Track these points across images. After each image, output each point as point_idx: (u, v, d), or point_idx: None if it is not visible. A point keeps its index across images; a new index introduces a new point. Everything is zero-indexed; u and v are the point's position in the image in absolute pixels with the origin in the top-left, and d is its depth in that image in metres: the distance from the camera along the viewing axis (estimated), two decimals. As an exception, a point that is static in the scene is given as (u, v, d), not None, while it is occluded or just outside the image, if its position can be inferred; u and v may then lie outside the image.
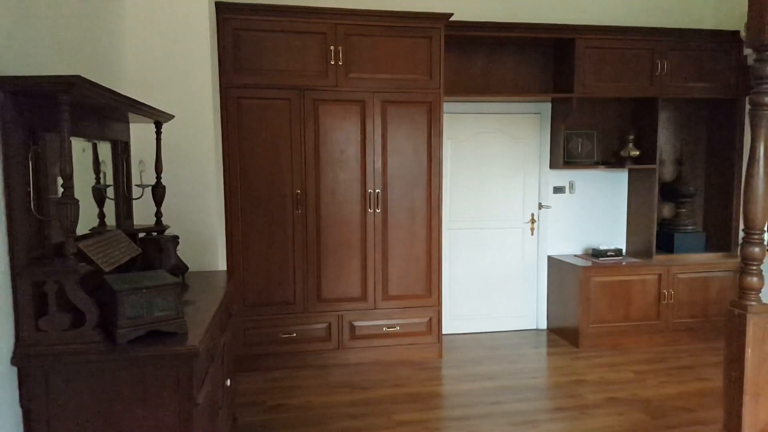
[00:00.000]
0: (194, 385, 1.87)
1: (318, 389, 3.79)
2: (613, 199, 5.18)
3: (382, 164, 4.13)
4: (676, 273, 4.71)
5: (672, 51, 4.60)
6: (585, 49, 4.47)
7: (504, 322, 5.11)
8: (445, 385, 3.91)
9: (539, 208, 5.08)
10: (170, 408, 1.86)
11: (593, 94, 4.56)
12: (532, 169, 5.05)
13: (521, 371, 4.14)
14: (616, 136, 5.02)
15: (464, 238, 4.98)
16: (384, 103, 4.09)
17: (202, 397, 1.96)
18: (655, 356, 4.46)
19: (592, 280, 4.60)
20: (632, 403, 3.57)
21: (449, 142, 4.83)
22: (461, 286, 5.00)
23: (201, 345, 1.90)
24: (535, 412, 3.46)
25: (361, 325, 4.23)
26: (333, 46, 3.94)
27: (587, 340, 4.62)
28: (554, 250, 5.14)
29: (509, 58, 4.79)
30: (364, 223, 4.15)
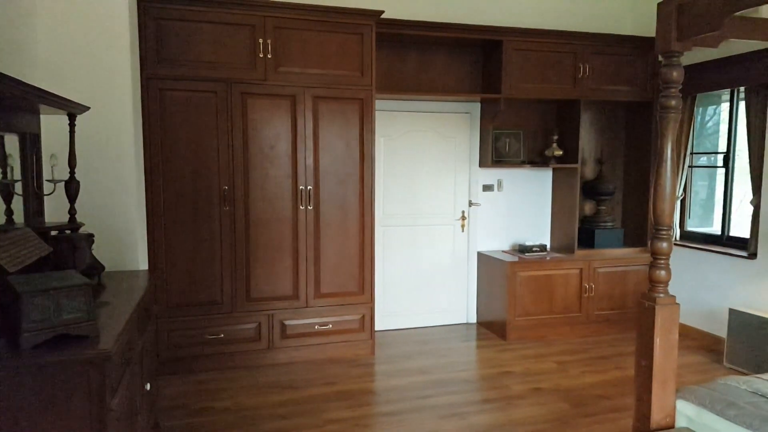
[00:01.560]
0: (107, 391, 1.78)
1: (246, 390, 3.71)
2: (539, 196, 5.37)
3: (314, 160, 4.09)
4: (597, 267, 4.94)
5: (593, 55, 4.81)
6: (512, 51, 4.60)
7: (436, 317, 5.19)
8: (377, 382, 3.92)
9: (469, 206, 5.19)
10: (81, 416, 1.75)
11: (519, 95, 4.69)
12: (463, 167, 5.15)
13: (451, 365, 4.22)
14: (541, 136, 5.20)
15: (397, 235, 5.01)
16: (315, 99, 4.04)
17: (116, 402, 1.86)
18: (577, 347, 4.66)
19: (519, 274, 4.75)
20: (555, 393, 3.71)
21: (382, 140, 4.84)
22: (394, 282, 5.03)
23: (114, 348, 1.81)
24: (464, 405, 3.53)
25: (293, 324, 4.17)
26: (262, 39, 3.85)
27: (514, 332, 4.77)
28: (484, 246, 5.26)
29: (441, 57, 4.85)
30: (296, 220, 4.09)
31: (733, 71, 4.35)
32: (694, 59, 4.67)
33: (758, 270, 4.23)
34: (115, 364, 1.87)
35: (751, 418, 2.12)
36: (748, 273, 4.31)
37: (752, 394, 2.36)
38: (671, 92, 2.23)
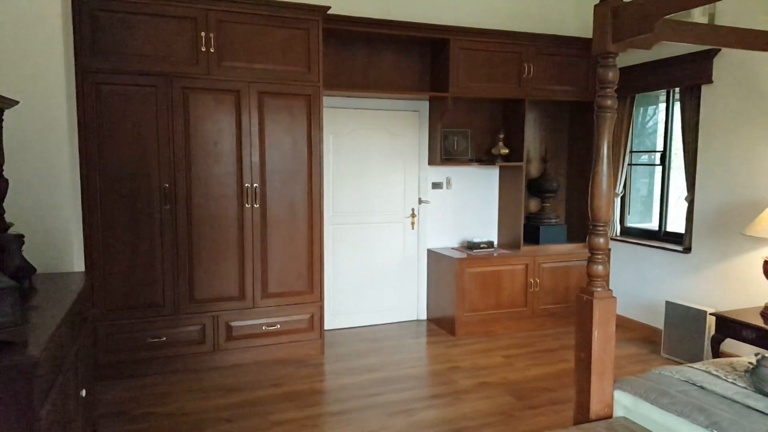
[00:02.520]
0: (35, 399, 1.68)
1: (191, 394, 3.61)
2: (487, 194, 5.46)
3: (260, 157, 4.01)
4: (541, 263, 5.06)
5: (537, 55, 4.92)
6: (458, 51, 4.65)
7: (386, 315, 5.20)
8: (326, 381, 3.89)
9: (419, 203, 5.22)
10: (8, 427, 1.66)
11: (467, 94, 4.75)
12: (412, 165, 5.17)
13: (400, 362, 4.23)
14: (488, 135, 5.29)
15: (347, 233, 4.99)
16: (261, 94, 3.96)
17: (46, 411, 1.77)
18: (523, 341, 4.76)
19: (467, 271, 4.81)
20: (501, 387, 3.78)
21: (330, 137, 4.81)
22: (344, 280, 5.01)
23: (42, 354, 1.71)
24: (412, 401, 3.55)
25: (239, 325, 4.08)
26: (204, 33, 3.75)
27: (462, 328, 4.83)
28: (433, 243, 5.31)
29: (389, 55, 4.86)
30: (242, 219, 4.01)
31: (669, 73, 4.54)
32: (633, 61, 4.85)
33: (692, 264, 4.43)
34: (44, 370, 1.77)
35: (682, 406, 2.21)
36: (684, 267, 4.51)
37: (684, 382, 2.47)
38: (607, 92, 2.30)
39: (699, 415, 2.14)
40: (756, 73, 3.89)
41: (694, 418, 2.14)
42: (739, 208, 4.01)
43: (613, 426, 2.30)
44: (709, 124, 4.25)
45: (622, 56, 4.91)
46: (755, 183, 3.92)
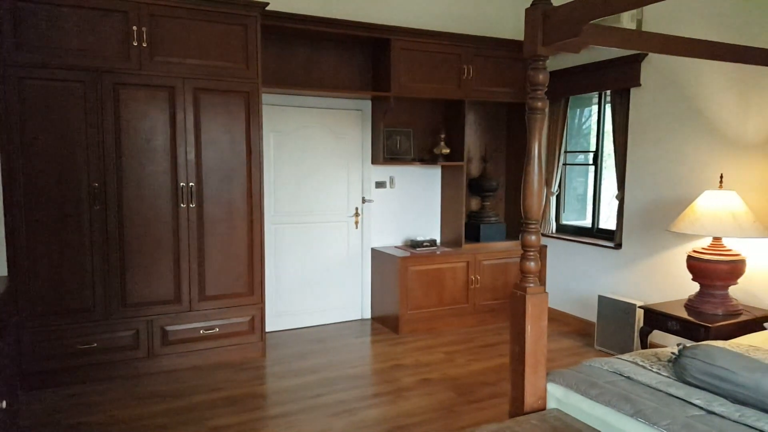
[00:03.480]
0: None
1: (124, 402, 3.47)
2: (429, 193, 5.52)
3: (196, 156, 3.90)
4: (482, 260, 5.16)
5: (476, 57, 5.01)
6: (400, 51, 4.68)
7: (330, 315, 5.17)
8: (267, 384, 3.83)
9: (363, 202, 5.22)
10: None
11: (408, 94, 4.78)
12: (356, 164, 5.16)
13: (344, 362, 4.22)
14: (430, 135, 5.34)
15: (290, 232, 4.93)
16: (196, 91, 3.85)
17: (-45, 427, 1.66)
18: (464, 337, 4.85)
19: (410, 269, 4.85)
20: (442, 383, 3.83)
21: (272, 135, 4.74)
22: (287, 281, 4.95)
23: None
24: (355, 400, 3.54)
25: (175, 329, 3.96)
26: (136, 27, 3.61)
27: (406, 326, 4.87)
28: (377, 242, 5.32)
29: (331, 53, 4.83)
30: (177, 219, 3.88)
31: (600, 76, 4.72)
32: (568, 64, 5.01)
33: (623, 259, 4.63)
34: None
35: (609, 396, 2.30)
36: (615, 262, 4.71)
37: (612, 373, 2.57)
38: (537, 94, 2.36)
39: (625, 405, 2.22)
40: (680, 76, 4.10)
41: (620, 407, 2.23)
42: (666, 206, 4.22)
43: (545, 418, 2.36)
44: (638, 125, 4.45)
45: (558, 59, 5.11)
46: (680, 181, 4.14)
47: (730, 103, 3.78)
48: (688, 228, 3.49)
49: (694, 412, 2.17)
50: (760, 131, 3.61)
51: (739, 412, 2.12)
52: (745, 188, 3.65)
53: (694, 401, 2.24)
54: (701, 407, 2.20)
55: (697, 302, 3.56)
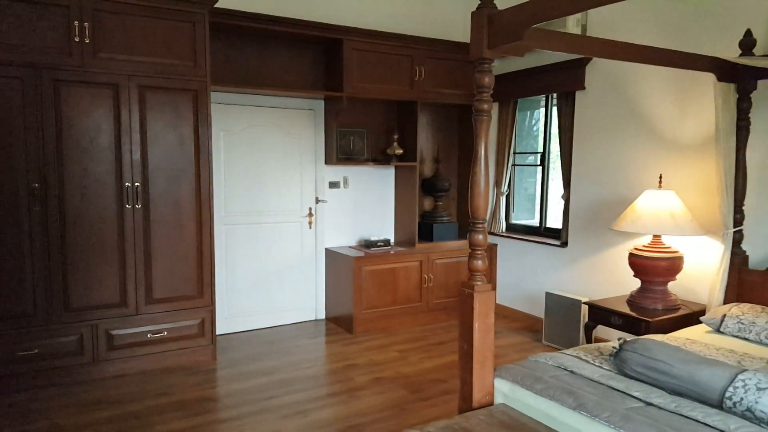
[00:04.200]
0: None
1: (67, 410, 3.35)
2: (383, 193, 5.54)
3: (142, 155, 3.80)
4: (435, 259, 5.22)
5: (428, 59, 5.06)
6: (352, 51, 4.68)
7: (284, 316, 5.13)
8: (218, 388, 3.76)
9: (316, 203, 5.20)
10: None
11: (361, 95, 4.79)
12: (309, 164, 5.14)
13: (297, 363, 4.19)
14: (384, 135, 5.37)
15: (241, 233, 4.86)
16: (142, 89, 3.75)
17: None
18: (418, 335, 4.89)
19: (364, 269, 4.86)
20: (395, 381, 3.86)
21: (222, 134, 4.66)
22: (239, 283, 4.87)
23: None
24: (307, 402, 3.53)
25: (121, 333, 3.84)
26: (78, 22, 3.48)
27: (360, 325, 4.87)
28: (331, 242, 5.31)
29: (282, 52, 4.78)
30: (122, 220, 3.77)
31: (547, 79, 4.86)
32: (516, 67, 5.13)
33: (569, 257, 4.78)
34: None
35: (553, 390, 2.37)
36: (562, 260, 4.85)
37: (556, 368, 2.65)
38: (483, 96, 2.41)
39: (568, 398, 2.30)
40: (622, 81, 4.26)
41: (563, 401, 2.30)
42: (609, 205, 4.38)
43: (492, 413, 2.42)
44: (582, 127, 4.60)
45: (507, 63, 5.22)
46: (622, 182, 4.30)
47: (669, 106, 3.95)
48: (629, 226, 3.64)
49: (633, 404, 2.26)
50: (695, 134, 3.79)
51: (675, 402, 2.22)
52: (682, 188, 3.82)
53: (633, 393, 2.33)
54: (640, 399, 2.30)
55: (639, 298, 3.71)
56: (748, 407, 2.06)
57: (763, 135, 3.40)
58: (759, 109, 3.39)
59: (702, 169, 3.73)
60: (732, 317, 3.18)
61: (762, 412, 2.02)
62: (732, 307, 3.26)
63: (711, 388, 2.18)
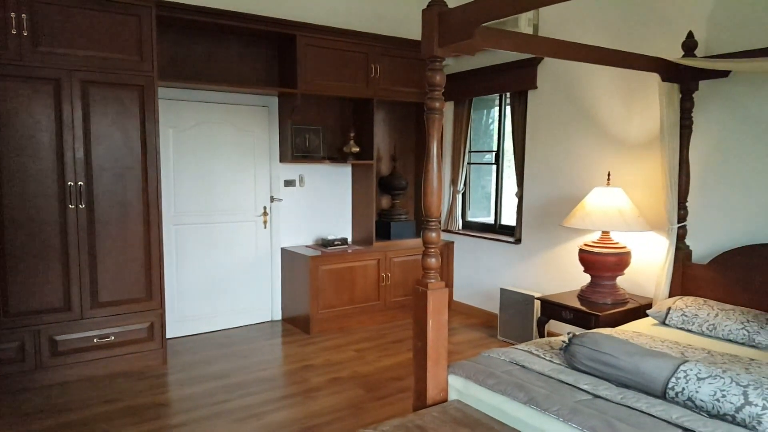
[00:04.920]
0: None
1: (9, 419, 3.19)
2: (340, 191, 5.51)
3: (85, 153, 3.65)
4: (392, 257, 5.22)
5: (383, 56, 5.05)
6: (306, 47, 4.62)
7: (239, 318, 5.03)
8: (169, 393, 3.66)
9: (271, 201, 5.12)
10: None
11: (316, 91, 4.73)
12: (263, 162, 5.05)
13: (252, 365, 4.12)
14: (340, 133, 5.33)
15: (192, 233, 4.74)
16: (85, 84, 3.61)
17: None
18: (375, 333, 4.88)
19: (320, 268, 4.82)
20: (352, 380, 3.83)
21: (170, 131, 4.53)
22: (191, 284, 4.75)
23: None
24: (262, 404, 3.46)
25: (66, 339, 3.69)
26: (15, 14, 3.32)
27: (317, 325, 4.83)
28: (287, 241, 5.24)
29: (234, 47, 4.69)
30: (65, 221, 3.62)
31: (500, 78, 4.92)
32: (471, 66, 5.18)
33: (522, 254, 4.86)
34: None
35: (505, 385, 2.40)
36: (516, 256, 4.93)
37: (509, 363, 2.68)
38: (435, 95, 2.41)
39: (519, 393, 2.33)
40: (572, 80, 4.35)
41: (515, 395, 2.33)
42: (560, 202, 4.47)
43: (446, 409, 2.42)
44: (535, 126, 4.67)
45: (462, 62, 5.26)
46: (573, 179, 4.39)
47: (617, 106, 4.06)
48: (579, 223, 3.72)
49: (581, 396, 2.31)
50: (642, 132, 3.91)
51: (621, 394, 2.28)
52: (630, 185, 3.93)
53: (582, 386, 2.38)
54: (588, 392, 2.34)
55: (589, 292, 3.79)
56: (689, 397, 2.13)
57: (705, 134, 3.53)
58: (701, 109, 3.51)
59: (648, 166, 3.85)
60: (676, 310, 3.28)
61: (702, 401, 2.09)
62: (676, 301, 3.37)
63: (655, 379, 2.25)
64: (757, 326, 2.95)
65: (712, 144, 3.50)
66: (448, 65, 5.37)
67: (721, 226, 3.49)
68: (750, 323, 2.98)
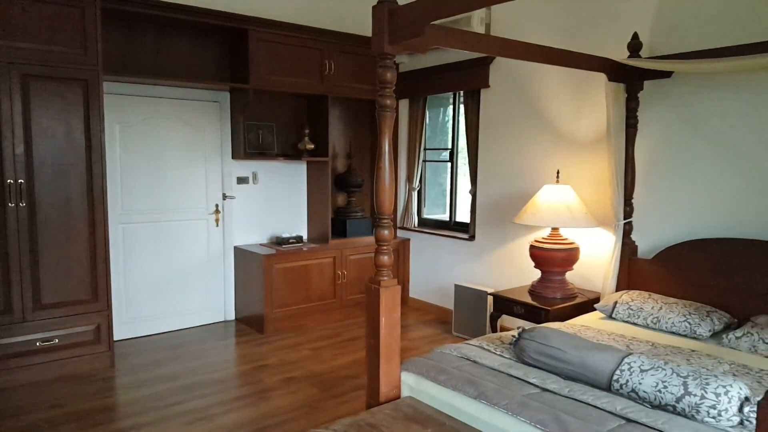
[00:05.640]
0: None
1: (-62, 431, 3.03)
2: (295, 188, 5.45)
3: (26, 149, 3.49)
4: (349, 255, 5.21)
5: (338, 53, 5.02)
6: (258, 42, 4.54)
7: (191, 318, 4.92)
8: (116, 396, 3.54)
9: (224, 199, 5.02)
10: None
11: (269, 87, 4.66)
12: (214, 158, 4.94)
13: (203, 367, 4.03)
14: (294, 130, 5.28)
15: (141, 232, 4.60)
16: (25, 77, 3.44)
17: None
18: (331, 332, 4.86)
19: (275, 267, 4.76)
20: (306, 380, 3.80)
21: (117, 127, 4.38)
22: (140, 284, 4.61)
23: None
24: (213, 406, 3.40)
25: (6, 342, 3.53)
26: (-56, 1, 3.14)
27: (272, 325, 4.77)
28: (241, 240, 5.15)
29: (184, 41, 4.57)
30: (4, 220, 3.45)
31: (454, 77, 4.96)
32: (425, 64, 5.20)
33: (476, 250, 4.92)
34: None
35: (455, 381, 2.42)
36: (470, 253, 4.99)
37: (460, 358, 2.71)
38: (386, 92, 2.41)
39: (469, 388, 2.36)
40: (523, 79, 4.43)
41: (465, 390, 2.36)
42: (512, 199, 4.54)
43: (398, 406, 2.43)
44: (487, 124, 4.74)
45: (416, 60, 5.28)
46: (524, 177, 4.47)
47: (566, 105, 4.15)
48: (529, 220, 3.79)
49: (530, 390, 2.35)
50: (590, 131, 4.01)
51: (568, 387, 2.34)
52: (578, 182, 4.03)
53: (530, 380, 2.43)
54: (536, 385, 2.39)
55: (539, 287, 3.88)
56: (633, 388, 2.19)
57: (649, 133, 3.65)
58: (646, 108, 3.63)
59: (596, 164, 3.96)
60: (622, 304, 3.39)
61: (645, 393, 2.16)
62: (623, 294, 3.48)
63: (600, 372, 2.31)
64: (698, 318, 3.07)
65: (656, 142, 3.63)
66: (403, 63, 5.38)
67: (665, 221, 3.62)
68: (692, 316, 3.10)
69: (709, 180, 3.38)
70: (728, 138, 3.29)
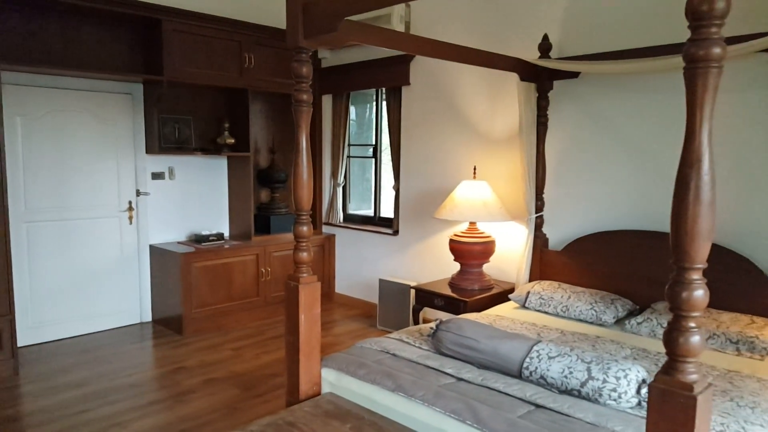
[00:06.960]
0: None
1: None
2: (215, 184, 5.30)
3: None
4: (272, 252, 5.13)
5: (258, 46, 4.91)
6: (172, 33, 4.37)
7: (103, 321, 4.67)
8: (20, 406, 3.32)
9: (137, 196, 4.80)
10: None
11: (184, 80, 4.50)
12: (127, 153, 4.72)
13: (116, 371, 3.85)
14: (213, 124, 5.12)
15: (47, 231, 4.32)
16: None
17: None
18: (254, 331, 4.78)
19: (194, 265, 4.61)
20: (227, 381, 3.72)
21: (18, 119, 4.09)
22: (46, 287, 4.33)
23: None
24: (127, 412, 3.25)
25: None
26: None
27: (191, 325, 4.62)
28: (157, 238, 4.95)
29: (93, 30, 4.32)
30: None
31: (377, 73, 4.98)
32: (348, 60, 5.19)
33: (399, 245, 4.99)
34: None
35: (374, 374, 2.45)
36: (393, 247, 5.05)
37: (380, 352, 2.74)
38: (302, 87, 2.39)
39: (387, 381, 2.39)
40: (442, 77, 4.52)
41: (383, 384, 2.39)
42: (432, 195, 4.64)
43: (318, 403, 2.43)
44: (409, 121, 4.80)
45: (339, 55, 5.26)
46: (443, 173, 4.58)
47: (482, 103, 4.28)
48: (448, 214, 3.88)
49: (446, 380, 2.42)
50: (504, 129, 4.16)
51: (482, 376, 2.42)
52: (494, 178, 4.18)
53: (446, 370, 2.49)
54: (452, 375, 2.46)
55: (458, 280, 3.98)
56: (542, 375, 2.30)
57: (559, 131, 3.83)
58: (556, 107, 3.81)
59: (510, 160, 4.11)
60: (535, 293, 3.55)
61: (552, 379, 2.27)
62: (535, 285, 3.65)
63: (511, 360, 2.41)
64: (603, 306, 3.27)
65: (565, 139, 3.82)
66: (326, 58, 5.34)
67: (574, 215, 3.82)
68: (597, 304, 3.29)
69: (614, 175, 3.60)
70: (632, 135, 3.51)
